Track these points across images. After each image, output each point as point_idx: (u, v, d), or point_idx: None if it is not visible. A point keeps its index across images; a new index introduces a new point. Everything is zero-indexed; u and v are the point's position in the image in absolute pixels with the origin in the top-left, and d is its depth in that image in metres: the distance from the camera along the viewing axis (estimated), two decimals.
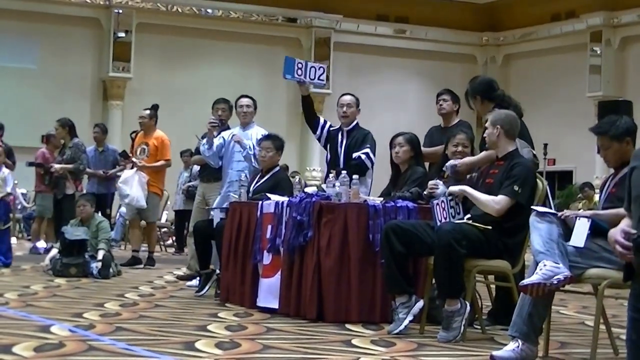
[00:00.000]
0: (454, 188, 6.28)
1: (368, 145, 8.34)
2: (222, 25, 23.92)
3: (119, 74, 22.76)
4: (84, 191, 12.26)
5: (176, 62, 23.27)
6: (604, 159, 5.47)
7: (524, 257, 6.18)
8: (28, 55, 22.02)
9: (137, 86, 22.64)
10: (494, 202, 6.07)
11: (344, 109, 8.51)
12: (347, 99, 8.58)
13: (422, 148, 7.62)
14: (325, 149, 8.73)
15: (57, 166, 12.96)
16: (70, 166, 12.44)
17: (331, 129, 8.67)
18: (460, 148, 7.08)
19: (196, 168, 14.52)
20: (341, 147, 8.47)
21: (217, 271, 8.47)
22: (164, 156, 12.09)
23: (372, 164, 8.30)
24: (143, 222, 12.52)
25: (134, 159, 12.03)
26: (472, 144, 7.21)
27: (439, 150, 7.64)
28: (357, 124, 8.57)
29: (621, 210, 4.75)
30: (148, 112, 12.24)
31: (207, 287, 8.45)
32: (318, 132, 8.69)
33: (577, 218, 5.26)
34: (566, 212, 5.47)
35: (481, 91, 7.21)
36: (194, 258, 9.44)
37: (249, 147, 9.12)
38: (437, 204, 6.22)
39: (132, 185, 11.73)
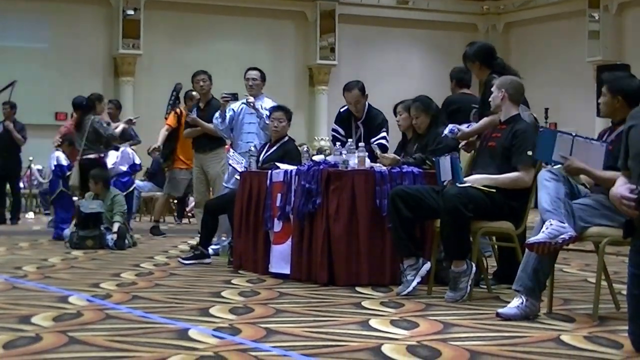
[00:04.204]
0: (469, 178, 6.21)
1: (384, 130, 8.28)
2: (229, 0, 23.94)
3: (129, 51, 22.81)
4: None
5: (184, 37, 23.30)
6: (608, 107, 5.37)
7: (527, 219, 6.24)
8: (39, 34, 22.06)
9: (147, 62, 22.71)
10: (520, 176, 6.11)
11: (354, 106, 8.27)
12: (355, 95, 8.23)
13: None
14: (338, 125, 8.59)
15: None
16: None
17: (342, 110, 8.48)
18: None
19: None
20: (359, 137, 8.25)
21: (230, 239, 8.59)
22: None
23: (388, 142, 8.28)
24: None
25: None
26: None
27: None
28: (368, 108, 8.33)
29: (617, 173, 4.84)
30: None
31: (192, 262, 8.43)
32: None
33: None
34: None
35: (481, 57, 7.23)
36: None
37: (265, 115, 8.90)
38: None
39: None
